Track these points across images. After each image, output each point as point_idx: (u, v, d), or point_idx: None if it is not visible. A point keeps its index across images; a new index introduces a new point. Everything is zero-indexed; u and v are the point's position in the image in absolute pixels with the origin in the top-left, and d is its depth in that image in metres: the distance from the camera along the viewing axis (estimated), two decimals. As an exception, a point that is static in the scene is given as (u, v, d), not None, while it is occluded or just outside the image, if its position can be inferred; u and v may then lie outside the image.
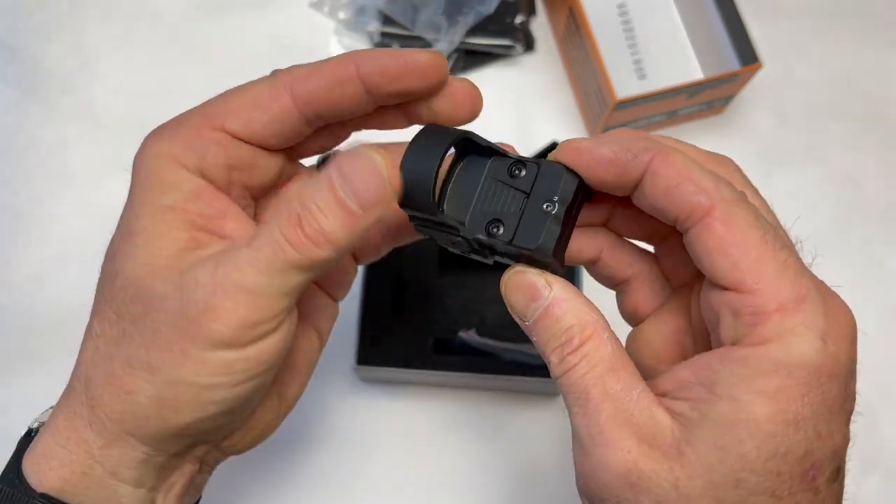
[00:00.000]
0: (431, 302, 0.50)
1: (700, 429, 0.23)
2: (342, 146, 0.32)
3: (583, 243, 0.29)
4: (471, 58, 0.57)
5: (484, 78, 0.57)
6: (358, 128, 0.31)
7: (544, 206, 0.25)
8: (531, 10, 0.58)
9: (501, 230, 0.26)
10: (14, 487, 0.27)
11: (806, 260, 0.26)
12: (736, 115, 0.57)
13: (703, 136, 0.57)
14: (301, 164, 0.32)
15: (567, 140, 0.26)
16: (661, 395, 0.25)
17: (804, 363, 0.22)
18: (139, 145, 0.28)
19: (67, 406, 0.27)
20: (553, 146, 0.52)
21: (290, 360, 0.31)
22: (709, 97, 0.53)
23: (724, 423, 0.22)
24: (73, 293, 0.52)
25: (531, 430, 0.49)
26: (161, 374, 0.25)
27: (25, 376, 0.49)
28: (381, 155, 0.24)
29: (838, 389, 0.23)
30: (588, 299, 0.26)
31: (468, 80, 0.29)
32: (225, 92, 0.28)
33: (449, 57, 0.56)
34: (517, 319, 0.27)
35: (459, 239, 0.27)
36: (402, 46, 0.56)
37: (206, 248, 0.26)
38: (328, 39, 0.58)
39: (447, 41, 0.56)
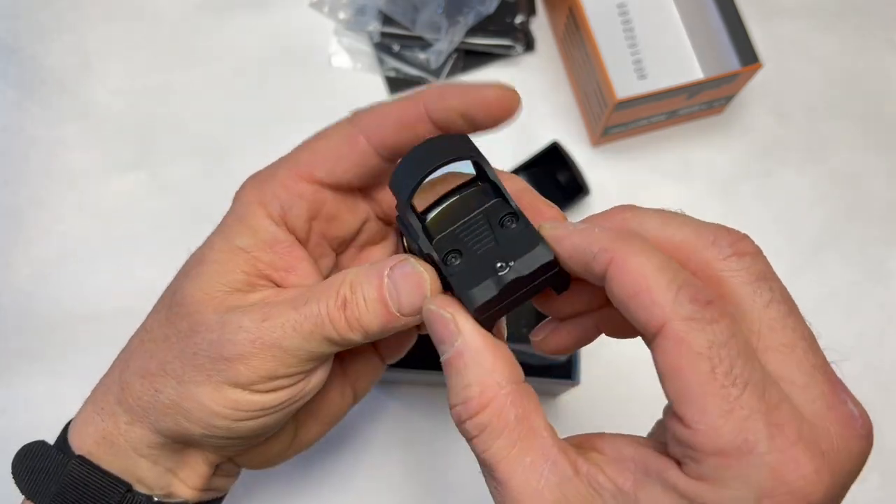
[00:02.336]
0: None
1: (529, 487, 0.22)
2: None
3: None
4: (471, 58, 0.57)
5: (484, 78, 0.57)
6: None
7: (498, 264, 0.24)
8: (531, 10, 0.58)
9: (458, 262, 0.25)
10: (59, 449, 0.30)
11: (832, 358, 0.23)
12: (736, 115, 0.57)
13: (703, 136, 0.57)
14: (389, 228, 0.33)
15: (551, 224, 0.25)
16: (594, 450, 0.23)
17: None
18: (241, 187, 0.30)
19: (107, 379, 0.31)
20: (553, 146, 0.52)
21: (316, 409, 0.33)
22: (709, 97, 0.53)
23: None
24: (73, 293, 0.52)
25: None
26: (184, 387, 0.28)
27: (25, 376, 0.49)
28: (429, 273, 0.26)
29: None
30: (502, 354, 0.24)
31: (508, 89, 0.28)
32: (310, 139, 0.30)
33: (449, 57, 0.56)
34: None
35: (415, 246, 0.27)
36: (402, 46, 0.57)
37: (257, 290, 0.29)
38: (328, 39, 0.58)
39: (447, 41, 0.56)
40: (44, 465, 0.30)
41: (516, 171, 0.52)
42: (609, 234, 0.23)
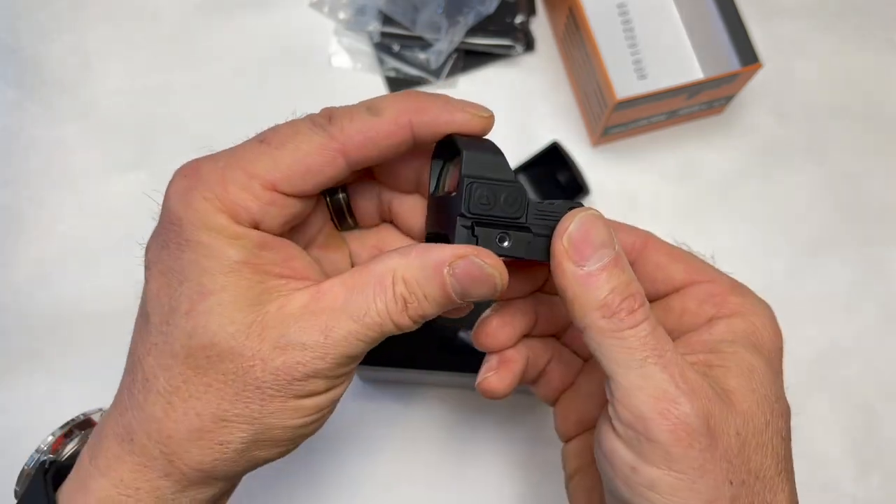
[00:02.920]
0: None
1: (731, 379, 0.26)
2: None
3: (537, 354, 0.33)
4: (471, 58, 0.57)
5: (484, 78, 0.57)
6: None
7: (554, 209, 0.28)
8: (531, 10, 0.58)
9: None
10: None
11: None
12: (736, 115, 0.57)
13: (703, 136, 0.57)
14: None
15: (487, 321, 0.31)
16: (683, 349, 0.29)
17: (770, 327, 0.29)
18: (174, 189, 0.28)
19: (135, 460, 0.27)
20: (553, 146, 0.52)
21: None
22: (709, 97, 0.53)
23: (747, 372, 0.26)
24: (73, 293, 0.52)
25: (532, 429, 0.49)
26: (261, 423, 0.26)
27: (25, 376, 0.49)
28: (499, 270, 0.26)
29: (782, 348, 0.29)
30: None
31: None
32: (268, 144, 0.27)
33: (449, 57, 0.56)
34: (566, 265, 0.26)
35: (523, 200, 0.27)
36: (402, 46, 0.56)
37: (287, 296, 0.27)
38: (328, 39, 0.58)
39: (447, 41, 0.56)
40: None
41: (516, 171, 0.52)
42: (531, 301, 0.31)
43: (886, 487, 0.49)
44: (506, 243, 0.27)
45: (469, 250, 0.26)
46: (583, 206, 0.27)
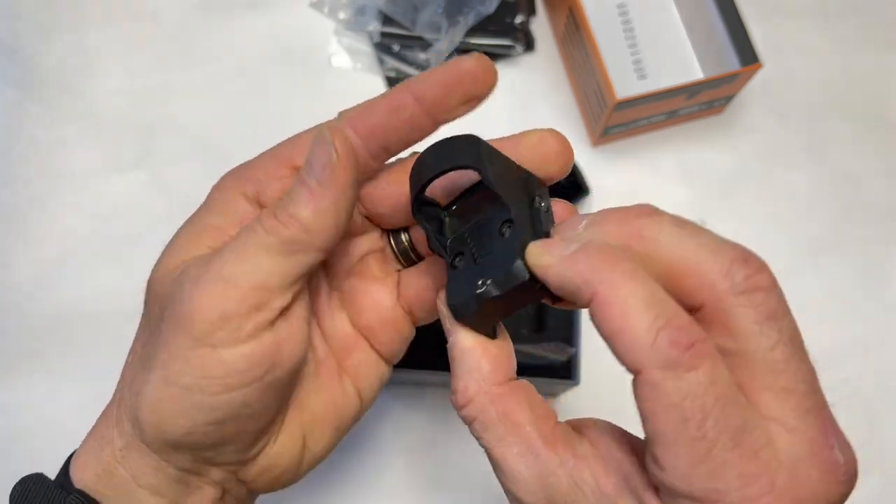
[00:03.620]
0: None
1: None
2: None
3: None
4: (471, 58, 0.57)
5: (484, 78, 0.57)
6: None
7: (479, 282, 0.24)
8: (531, 10, 0.58)
9: (462, 264, 0.25)
10: (60, 483, 0.28)
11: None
12: (736, 115, 0.57)
13: (703, 136, 0.57)
14: (375, 228, 0.31)
15: (539, 247, 0.23)
16: (587, 439, 0.24)
17: None
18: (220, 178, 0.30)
19: (109, 405, 0.29)
20: (553, 146, 0.52)
21: (317, 409, 0.31)
22: (709, 97, 0.53)
23: None
24: (73, 293, 0.52)
25: (531, 430, 0.49)
26: (155, 374, 0.26)
27: (25, 376, 0.49)
28: (330, 127, 0.26)
29: None
30: (493, 354, 0.25)
31: (558, 134, 0.28)
32: (297, 134, 0.29)
33: (449, 57, 0.56)
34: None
35: (428, 238, 0.27)
36: (402, 46, 0.56)
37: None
38: (328, 39, 0.58)
39: (447, 41, 0.56)
40: (42, 501, 0.27)
41: (516, 171, 0.52)
42: (596, 261, 0.21)
43: (886, 487, 0.49)
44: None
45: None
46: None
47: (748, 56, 0.51)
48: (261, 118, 0.56)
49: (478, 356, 0.25)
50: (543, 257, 0.23)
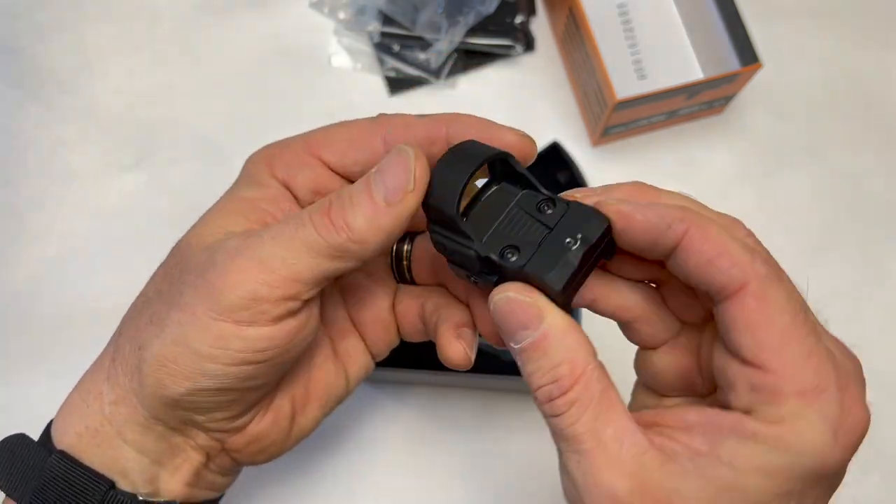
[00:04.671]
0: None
1: (693, 482, 0.23)
2: None
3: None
4: (471, 58, 0.57)
5: (484, 78, 0.57)
6: None
7: (566, 241, 0.25)
8: (531, 10, 0.58)
9: (515, 257, 0.25)
10: (42, 443, 0.28)
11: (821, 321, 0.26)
12: (736, 115, 0.57)
13: (703, 136, 0.57)
14: None
15: (605, 202, 0.25)
16: (660, 425, 0.25)
17: (811, 452, 0.23)
18: (251, 155, 0.31)
19: (98, 361, 0.29)
20: (553, 146, 0.52)
21: (311, 386, 0.32)
22: (708, 97, 0.53)
23: (719, 485, 0.23)
24: (73, 293, 0.52)
25: (532, 430, 0.49)
26: (167, 332, 0.26)
27: (25, 376, 0.49)
28: (414, 150, 0.26)
29: (835, 477, 0.24)
30: (582, 332, 0.25)
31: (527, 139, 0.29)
32: (332, 124, 0.31)
33: (449, 57, 0.56)
34: (503, 337, 0.26)
35: (471, 253, 0.26)
36: (402, 46, 0.56)
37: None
38: (328, 39, 0.58)
39: (447, 41, 0.56)
40: (24, 461, 0.28)
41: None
42: (678, 207, 0.25)
43: (886, 487, 0.49)
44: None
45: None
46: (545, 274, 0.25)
47: (748, 56, 0.51)
48: (261, 118, 0.56)
49: (577, 333, 0.25)
50: (624, 206, 0.25)
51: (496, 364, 0.46)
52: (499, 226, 0.26)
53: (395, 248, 0.32)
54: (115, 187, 0.54)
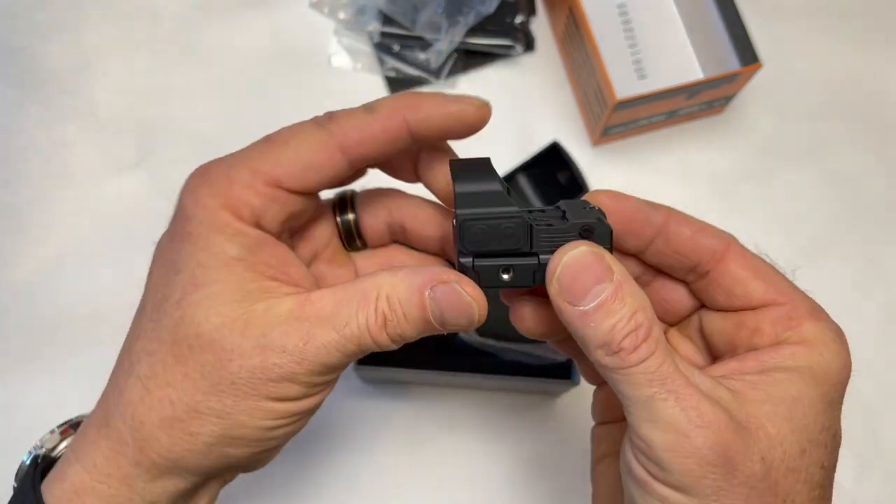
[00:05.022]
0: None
1: (766, 405, 0.25)
2: (356, 185, 0.33)
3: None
4: (471, 58, 0.57)
5: (484, 78, 0.57)
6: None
7: (584, 207, 0.27)
8: (531, 10, 0.58)
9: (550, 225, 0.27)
10: None
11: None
12: (736, 115, 0.57)
13: (703, 136, 0.57)
14: (320, 199, 0.33)
15: (609, 195, 0.29)
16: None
17: (837, 360, 0.27)
18: (186, 188, 0.28)
19: (108, 445, 0.27)
20: (553, 146, 0.52)
21: None
22: (709, 97, 0.53)
23: (789, 400, 0.26)
24: (73, 293, 0.52)
25: (532, 430, 0.49)
26: (231, 419, 0.27)
27: (25, 376, 0.49)
28: (478, 300, 0.27)
29: (846, 384, 0.28)
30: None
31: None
32: (273, 143, 0.28)
33: (449, 57, 0.56)
34: (563, 305, 0.25)
35: (529, 214, 0.27)
36: (402, 46, 0.56)
37: (277, 299, 0.27)
38: (328, 39, 0.58)
39: (447, 41, 0.56)
40: None
41: (516, 172, 0.52)
42: (651, 202, 0.29)
43: (886, 487, 0.49)
44: (506, 276, 0.26)
45: (452, 276, 0.26)
46: (591, 227, 0.26)
47: (748, 56, 0.51)
48: (261, 118, 0.55)
49: (635, 283, 0.26)
50: (615, 199, 0.30)
51: (496, 364, 0.46)
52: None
53: (339, 219, 0.33)
54: (115, 187, 0.54)
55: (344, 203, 0.33)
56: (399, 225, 0.33)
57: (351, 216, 0.33)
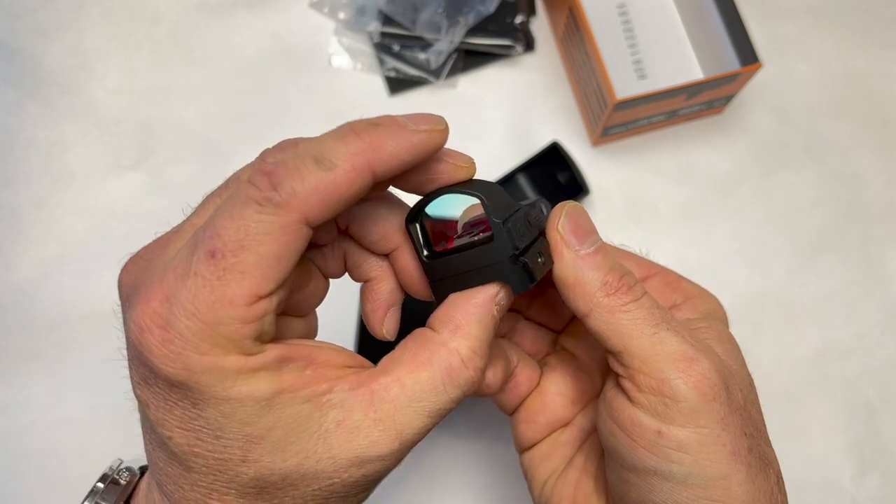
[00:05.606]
0: (432, 302, 0.50)
1: (718, 346, 0.29)
2: None
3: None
4: (471, 58, 0.57)
5: (484, 78, 0.57)
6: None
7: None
8: (531, 10, 0.58)
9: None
10: None
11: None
12: (736, 115, 0.57)
13: (703, 136, 0.57)
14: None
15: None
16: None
17: (718, 305, 0.33)
18: (159, 350, 0.22)
19: None
20: (553, 146, 0.52)
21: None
22: (708, 97, 0.53)
23: (725, 341, 0.29)
24: (73, 293, 0.52)
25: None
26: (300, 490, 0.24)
27: (25, 376, 0.49)
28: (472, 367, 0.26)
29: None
30: None
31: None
32: (224, 257, 0.22)
33: (449, 57, 0.56)
34: (565, 251, 0.27)
35: (522, 211, 0.27)
36: (402, 46, 0.56)
37: (336, 405, 0.24)
38: (328, 39, 0.58)
39: (447, 41, 0.56)
40: None
41: (516, 172, 0.52)
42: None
43: (886, 487, 0.49)
44: (541, 259, 0.27)
45: (490, 290, 0.27)
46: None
47: (748, 56, 0.51)
48: (261, 118, 0.56)
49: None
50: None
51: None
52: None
53: None
54: (115, 187, 0.54)
55: None
56: (358, 267, 0.30)
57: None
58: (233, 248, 0.22)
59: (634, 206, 0.54)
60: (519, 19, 0.57)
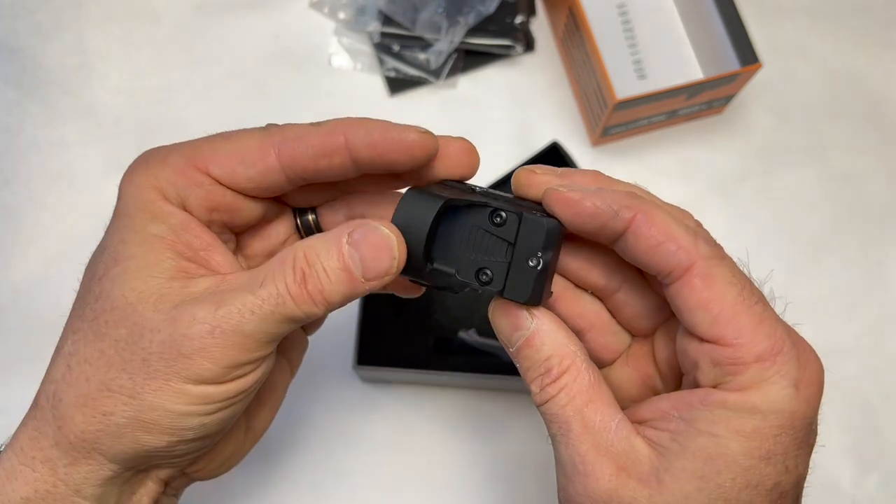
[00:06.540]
0: (431, 302, 0.50)
1: (680, 459, 0.25)
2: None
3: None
4: (471, 58, 0.57)
5: (484, 78, 0.57)
6: (348, 190, 0.31)
7: (529, 263, 0.26)
8: (531, 10, 0.58)
9: (490, 276, 0.27)
10: None
11: (777, 309, 0.27)
12: (736, 115, 0.57)
13: (703, 136, 0.57)
14: (287, 206, 0.32)
15: (553, 188, 0.27)
16: (638, 421, 0.27)
17: (779, 408, 0.24)
18: (127, 169, 0.29)
19: (33, 425, 0.27)
20: (553, 146, 0.52)
21: (262, 394, 0.32)
22: (708, 97, 0.53)
23: (704, 456, 0.24)
24: (72, 293, 0.52)
25: (531, 429, 0.49)
26: (142, 400, 0.26)
27: (25, 376, 0.49)
28: (394, 232, 0.26)
29: (806, 429, 0.25)
30: (569, 330, 0.27)
31: (464, 139, 0.29)
32: (216, 135, 0.29)
33: (449, 57, 0.56)
34: (504, 346, 0.28)
35: (455, 280, 0.27)
36: (402, 46, 0.57)
37: (194, 279, 0.27)
38: (328, 39, 0.58)
39: (447, 41, 0.56)
40: None
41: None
42: (625, 194, 0.26)
43: (886, 487, 0.49)
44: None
45: (366, 220, 0.26)
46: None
47: (748, 56, 0.51)
48: (261, 118, 0.55)
49: (564, 331, 0.27)
50: (573, 192, 0.26)
51: (496, 364, 0.46)
52: (463, 251, 0.27)
53: (299, 219, 0.32)
54: (115, 187, 0.54)
55: (304, 210, 0.33)
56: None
57: (311, 216, 0.32)
58: (226, 134, 0.29)
59: (634, 206, 0.54)
60: (519, 19, 0.57)
